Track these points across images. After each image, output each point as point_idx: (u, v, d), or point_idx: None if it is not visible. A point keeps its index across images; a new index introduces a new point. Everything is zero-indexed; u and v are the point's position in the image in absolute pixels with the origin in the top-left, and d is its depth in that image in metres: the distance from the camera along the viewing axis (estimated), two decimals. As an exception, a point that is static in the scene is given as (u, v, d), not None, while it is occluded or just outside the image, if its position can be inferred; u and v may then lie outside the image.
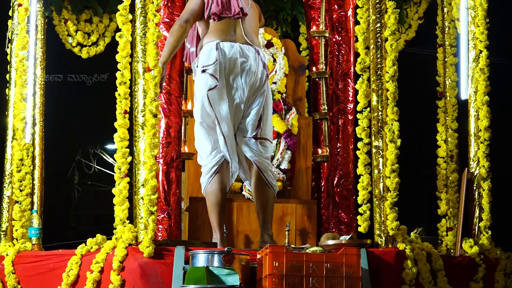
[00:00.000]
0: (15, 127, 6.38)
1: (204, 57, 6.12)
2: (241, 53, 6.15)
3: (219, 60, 6.08)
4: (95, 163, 10.94)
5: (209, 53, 6.10)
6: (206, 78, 6.07)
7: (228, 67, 6.10)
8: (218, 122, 6.05)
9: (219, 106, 6.07)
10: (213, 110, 6.05)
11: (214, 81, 6.05)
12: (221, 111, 6.06)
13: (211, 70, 6.07)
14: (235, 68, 6.11)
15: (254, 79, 6.15)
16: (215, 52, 6.09)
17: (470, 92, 6.59)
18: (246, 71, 6.13)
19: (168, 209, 6.53)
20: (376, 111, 6.17)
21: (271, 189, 6.16)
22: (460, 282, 6.00)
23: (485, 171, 6.44)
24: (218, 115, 6.06)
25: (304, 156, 7.01)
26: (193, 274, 5.05)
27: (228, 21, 6.21)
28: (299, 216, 6.82)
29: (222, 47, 6.11)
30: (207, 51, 6.13)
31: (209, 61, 6.09)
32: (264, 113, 6.20)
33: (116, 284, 5.48)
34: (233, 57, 6.12)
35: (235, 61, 6.12)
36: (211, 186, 6.11)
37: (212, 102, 6.05)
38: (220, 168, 6.12)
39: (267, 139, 6.22)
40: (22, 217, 6.26)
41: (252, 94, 6.15)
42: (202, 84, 6.10)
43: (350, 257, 5.13)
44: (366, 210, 6.12)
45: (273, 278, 5.05)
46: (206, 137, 6.14)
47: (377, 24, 6.24)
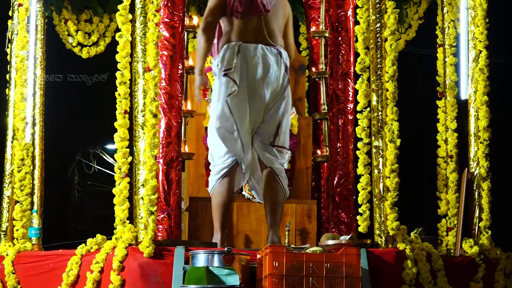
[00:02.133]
0: (15, 127, 6.38)
1: (225, 59, 6.03)
2: (263, 56, 6.06)
3: (240, 65, 6.00)
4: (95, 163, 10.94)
5: (231, 56, 6.02)
6: (226, 81, 6.00)
7: (249, 71, 6.02)
8: (237, 127, 5.99)
9: (239, 111, 5.99)
10: (232, 115, 5.99)
11: (235, 86, 5.98)
12: (240, 117, 5.99)
13: (232, 75, 6.00)
14: (256, 73, 6.03)
15: (276, 84, 6.07)
16: (237, 56, 6.02)
17: (470, 92, 6.59)
18: (268, 76, 6.06)
19: (168, 209, 6.52)
20: (376, 111, 6.17)
21: (284, 192, 6.14)
22: (460, 282, 6.00)
23: (485, 171, 6.44)
24: (238, 120, 5.99)
25: (304, 156, 7.01)
26: (193, 274, 5.05)
27: (251, 19, 6.11)
28: (299, 216, 6.82)
29: (244, 49, 6.03)
30: (229, 53, 6.04)
31: (230, 64, 6.01)
32: (283, 119, 6.13)
33: (116, 284, 5.49)
34: (255, 61, 6.03)
35: (256, 65, 6.04)
36: (219, 187, 6.06)
37: (231, 107, 5.98)
38: (230, 170, 6.08)
39: (284, 148, 6.17)
40: (22, 217, 6.26)
41: (273, 100, 6.08)
42: (222, 87, 6.02)
43: (350, 257, 5.13)
44: (365, 210, 6.12)
45: (273, 278, 5.05)
46: (222, 140, 6.07)
47: (377, 24, 6.24)
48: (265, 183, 6.12)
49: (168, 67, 6.54)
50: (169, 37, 6.62)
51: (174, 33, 6.62)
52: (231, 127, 6.01)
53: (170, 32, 6.63)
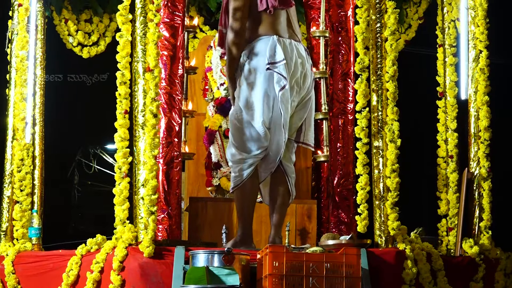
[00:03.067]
0: (15, 127, 6.38)
1: (268, 52, 5.90)
2: (298, 52, 6.01)
3: (286, 59, 5.90)
4: (95, 163, 10.94)
5: (274, 49, 5.90)
6: (273, 76, 5.88)
7: (291, 67, 5.95)
8: (283, 124, 5.89)
9: (286, 106, 5.90)
10: (281, 110, 5.87)
11: (284, 80, 5.88)
12: (285, 114, 5.89)
13: (280, 69, 5.88)
14: (295, 69, 5.97)
15: (308, 82, 6.05)
16: (280, 48, 5.91)
17: (470, 92, 6.60)
18: (303, 73, 6.01)
19: (168, 209, 6.52)
20: (376, 111, 6.17)
21: (291, 194, 6.12)
22: (460, 282, 6.00)
23: (485, 171, 6.44)
24: (286, 116, 5.89)
25: (304, 156, 7.01)
26: (193, 274, 5.05)
27: (280, 12, 6.02)
28: (299, 216, 6.82)
29: (282, 44, 5.93)
30: (270, 45, 5.90)
31: (275, 57, 5.89)
32: (308, 116, 6.11)
33: (116, 284, 5.49)
34: (294, 56, 5.97)
35: (296, 61, 5.97)
36: (250, 182, 5.96)
37: (281, 103, 5.86)
38: (256, 166, 6.01)
39: (309, 144, 6.16)
40: (22, 217, 6.26)
41: (302, 99, 6.07)
42: (269, 82, 5.88)
43: (350, 257, 5.13)
44: (364, 210, 6.12)
45: (273, 278, 5.05)
46: (262, 134, 5.92)
47: (377, 24, 6.24)
48: (275, 184, 6.09)
49: (168, 67, 6.54)
50: (169, 37, 6.62)
51: (174, 33, 6.62)
52: (279, 122, 5.89)
53: (170, 32, 6.63)
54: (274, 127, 5.93)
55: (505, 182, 8.52)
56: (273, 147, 5.97)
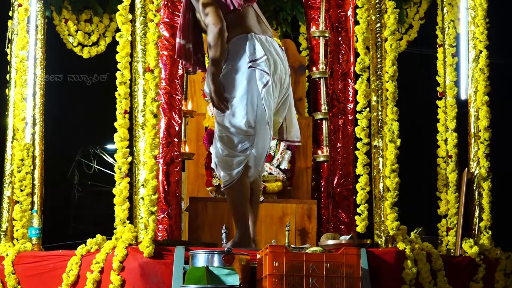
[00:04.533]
0: (15, 127, 6.38)
1: (248, 50, 5.80)
2: (274, 48, 5.92)
3: (266, 54, 5.81)
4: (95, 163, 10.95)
5: (254, 46, 5.81)
6: (255, 73, 5.78)
7: (270, 63, 5.86)
8: (268, 121, 5.78)
9: (270, 103, 5.80)
10: (265, 108, 5.76)
11: (267, 76, 5.78)
12: (269, 110, 5.79)
13: (262, 65, 5.79)
14: (275, 65, 5.88)
15: (287, 78, 5.98)
16: (259, 45, 5.82)
17: (470, 92, 6.60)
18: (282, 68, 5.92)
19: (168, 209, 6.53)
20: (375, 111, 6.17)
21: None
22: (460, 282, 6.00)
23: (485, 171, 6.44)
24: (269, 113, 5.79)
25: (304, 156, 7.02)
26: (193, 274, 5.05)
27: (247, 10, 5.92)
28: (299, 216, 6.82)
29: (259, 40, 5.85)
30: (248, 44, 5.81)
31: (256, 55, 5.79)
32: (288, 113, 6.04)
33: (116, 284, 5.49)
34: (272, 52, 5.89)
35: (275, 57, 5.90)
36: (241, 180, 5.89)
37: (265, 100, 5.77)
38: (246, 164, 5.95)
39: (294, 141, 6.13)
40: (22, 217, 6.26)
41: (282, 96, 5.99)
42: (251, 80, 5.78)
43: (350, 257, 5.13)
44: (364, 210, 6.12)
45: (273, 278, 5.05)
46: (247, 133, 5.83)
47: (377, 24, 6.24)
48: (254, 191, 6.07)
49: (168, 67, 6.54)
50: (169, 37, 6.62)
51: (174, 33, 6.62)
52: (264, 120, 5.79)
53: (170, 32, 6.63)
54: (259, 126, 5.81)
55: (505, 182, 8.52)
56: (259, 145, 5.86)
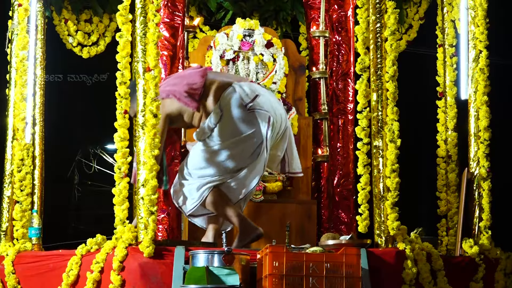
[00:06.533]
0: (15, 127, 6.38)
1: (240, 96, 6.06)
2: (260, 89, 6.29)
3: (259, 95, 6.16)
4: (95, 163, 10.93)
5: (245, 91, 6.12)
6: (257, 114, 6.07)
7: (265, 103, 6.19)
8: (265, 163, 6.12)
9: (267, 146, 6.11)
10: (266, 149, 6.07)
11: (267, 113, 6.09)
12: (267, 153, 6.13)
13: (261, 105, 6.11)
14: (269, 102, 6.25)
15: (282, 113, 6.33)
16: (250, 89, 6.13)
17: (470, 92, 6.60)
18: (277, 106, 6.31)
19: (168, 209, 6.53)
20: (376, 111, 6.17)
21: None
22: (460, 282, 6.00)
23: (485, 171, 6.44)
24: (265, 157, 6.11)
25: (304, 156, 7.01)
26: (193, 274, 5.05)
27: (213, 82, 6.22)
28: (299, 216, 6.82)
29: (245, 86, 6.18)
30: (238, 92, 6.10)
31: (248, 98, 6.09)
32: (289, 146, 6.37)
33: (116, 284, 5.49)
34: (262, 91, 6.24)
35: (264, 95, 6.24)
36: (217, 191, 6.07)
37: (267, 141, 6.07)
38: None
39: (297, 173, 6.43)
40: (22, 217, 6.26)
41: (280, 130, 6.32)
42: (254, 122, 6.07)
43: (350, 257, 5.13)
44: (365, 210, 6.12)
45: (273, 278, 5.05)
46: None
47: (377, 24, 6.24)
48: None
49: (168, 67, 6.54)
50: (169, 37, 6.62)
51: (174, 33, 6.62)
52: (261, 162, 6.08)
53: (170, 32, 6.63)
54: (253, 166, 6.06)
55: (505, 182, 8.51)
56: (247, 183, 6.09)
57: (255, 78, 6.99)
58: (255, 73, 7.02)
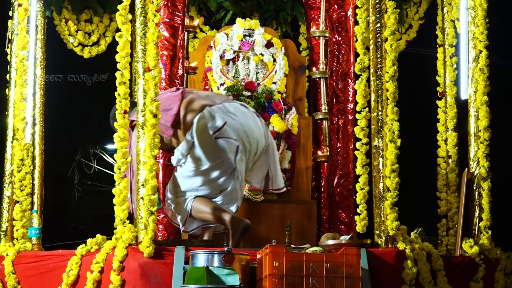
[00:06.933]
0: (15, 127, 6.38)
1: (209, 124, 6.08)
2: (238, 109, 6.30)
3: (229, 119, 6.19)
4: (95, 163, 10.93)
5: (212, 118, 6.11)
6: (225, 143, 6.10)
7: (236, 127, 6.20)
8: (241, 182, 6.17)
9: (241, 169, 6.17)
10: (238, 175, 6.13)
11: (235, 142, 6.16)
12: (242, 176, 6.20)
13: (228, 133, 6.11)
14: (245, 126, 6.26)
15: (260, 132, 6.36)
16: (219, 115, 6.14)
17: (470, 92, 6.60)
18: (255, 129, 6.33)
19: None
20: (375, 111, 6.17)
21: None
22: (460, 282, 6.00)
23: (485, 171, 6.44)
24: (241, 178, 6.19)
25: (304, 156, 7.01)
26: (193, 274, 5.05)
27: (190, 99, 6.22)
28: (299, 216, 6.82)
29: (221, 108, 6.19)
30: (207, 118, 6.11)
31: (216, 125, 6.10)
32: (272, 162, 6.39)
33: (116, 284, 5.49)
34: (237, 113, 6.25)
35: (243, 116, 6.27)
36: (198, 198, 6.09)
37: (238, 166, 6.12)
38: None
39: (280, 189, 6.48)
40: (22, 217, 6.26)
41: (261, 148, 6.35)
42: (222, 150, 6.11)
43: (350, 257, 5.13)
44: (363, 210, 6.11)
45: (273, 278, 5.05)
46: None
47: (377, 24, 6.23)
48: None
49: (168, 67, 6.54)
50: (169, 37, 6.62)
51: (174, 33, 6.62)
52: (236, 184, 6.15)
53: (170, 32, 6.63)
54: (229, 192, 6.09)
55: (505, 182, 8.52)
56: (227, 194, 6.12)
57: (255, 78, 6.99)
58: (255, 73, 7.02)
